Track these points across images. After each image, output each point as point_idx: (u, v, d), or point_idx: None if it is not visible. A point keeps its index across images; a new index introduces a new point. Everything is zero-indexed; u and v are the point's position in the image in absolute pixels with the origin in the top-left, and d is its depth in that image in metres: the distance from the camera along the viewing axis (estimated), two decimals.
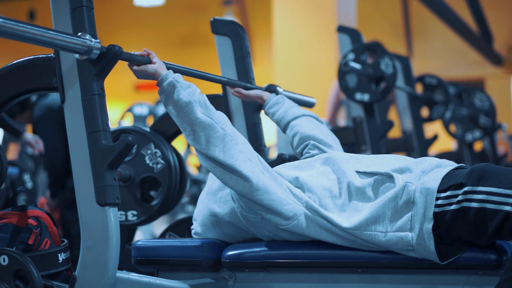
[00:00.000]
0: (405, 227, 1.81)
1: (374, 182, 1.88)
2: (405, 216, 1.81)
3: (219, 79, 2.33)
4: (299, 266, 1.93)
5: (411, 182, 1.83)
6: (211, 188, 2.07)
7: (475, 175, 1.77)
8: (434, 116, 4.90)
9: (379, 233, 1.83)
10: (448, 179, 1.81)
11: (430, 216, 1.78)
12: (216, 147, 1.84)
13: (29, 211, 1.91)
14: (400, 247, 1.82)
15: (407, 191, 1.82)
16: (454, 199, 1.77)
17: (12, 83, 1.86)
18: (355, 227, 1.84)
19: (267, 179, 1.88)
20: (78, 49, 1.68)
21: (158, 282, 1.86)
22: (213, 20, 2.53)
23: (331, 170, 1.97)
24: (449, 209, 1.77)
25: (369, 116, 3.74)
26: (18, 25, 1.52)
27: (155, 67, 1.88)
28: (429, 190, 1.80)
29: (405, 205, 1.81)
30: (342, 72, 3.71)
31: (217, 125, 1.86)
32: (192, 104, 1.85)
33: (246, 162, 1.86)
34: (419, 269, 1.85)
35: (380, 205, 1.83)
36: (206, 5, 11.72)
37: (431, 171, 1.87)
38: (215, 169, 1.87)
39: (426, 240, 1.78)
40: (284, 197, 1.89)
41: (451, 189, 1.79)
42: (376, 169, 1.91)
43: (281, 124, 2.31)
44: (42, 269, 1.81)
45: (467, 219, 1.76)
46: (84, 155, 1.76)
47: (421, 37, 11.47)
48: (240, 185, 1.86)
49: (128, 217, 2.45)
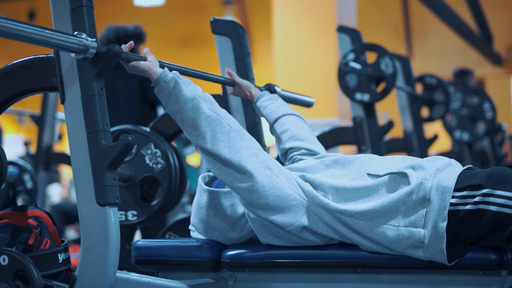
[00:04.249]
0: (418, 223, 1.79)
1: (388, 180, 1.87)
2: (419, 212, 1.79)
3: (219, 79, 2.33)
4: (299, 266, 1.93)
5: (427, 179, 1.82)
6: (201, 201, 2.04)
7: (494, 178, 1.76)
8: (434, 116, 4.90)
9: (390, 227, 1.81)
10: (463, 179, 1.81)
11: (445, 215, 1.77)
12: (221, 142, 1.82)
13: (29, 211, 1.91)
14: (410, 243, 1.80)
15: (424, 188, 1.80)
16: (470, 199, 1.76)
17: (12, 83, 1.86)
18: (365, 213, 1.82)
19: (273, 174, 1.86)
20: (74, 48, 1.68)
21: (158, 282, 1.86)
22: (213, 20, 2.53)
23: (340, 173, 1.95)
24: (463, 208, 1.76)
25: (369, 116, 3.74)
26: (14, 24, 1.51)
27: (148, 65, 1.86)
28: (446, 188, 1.79)
29: (420, 202, 1.80)
30: (342, 72, 3.71)
31: (223, 120, 1.84)
32: (198, 99, 1.83)
33: (251, 158, 1.84)
34: (419, 269, 1.85)
35: (395, 199, 1.81)
36: (206, 5, 11.71)
37: (445, 169, 1.86)
38: (219, 170, 1.84)
39: (439, 239, 1.77)
40: (292, 192, 1.87)
41: (469, 189, 1.78)
42: (388, 170, 1.89)
43: (271, 116, 2.29)
44: (42, 269, 1.81)
45: (482, 221, 1.75)
46: (84, 155, 1.76)
47: (421, 37, 11.46)
48: (244, 182, 1.83)
49: (128, 217, 2.45)
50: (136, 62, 1.86)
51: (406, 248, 1.81)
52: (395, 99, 4.73)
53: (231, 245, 2.02)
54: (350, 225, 1.85)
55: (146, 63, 1.87)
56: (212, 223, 2.00)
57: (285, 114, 2.28)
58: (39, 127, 4.63)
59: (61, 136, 6.09)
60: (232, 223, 1.99)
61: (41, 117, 4.63)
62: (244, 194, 1.86)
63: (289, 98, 2.63)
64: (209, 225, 2.01)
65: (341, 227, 1.87)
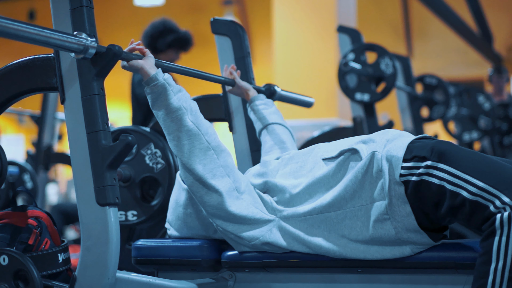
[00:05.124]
0: (379, 196, 1.81)
1: (343, 161, 1.88)
2: (378, 185, 1.81)
3: (219, 79, 2.33)
4: (299, 266, 1.93)
5: (378, 150, 1.84)
6: (179, 199, 2.07)
7: (436, 151, 1.78)
8: (434, 116, 4.90)
9: (361, 207, 1.82)
10: (412, 149, 1.82)
11: (399, 181, 1.78)
12: (197, 158, 1.84)
13: (29, 211, 1.91)
14: (376, 218, 1.80)
15: (376, 159, 1.82)
16: (416, 170, 1.78)
17: (12, 83, 1.86)
18: (332, 203, 1.84)
19: (241, 195, 1.88)
20: (73, 48, 1.68)
21: (158, 282, 1.86)
22: (213, 20, 2.53)
23: (297, 167, 1.96)
24: (411, 179, 1.78)
25: (369, 116, 3.74)
26: (14, 24, 1.51)
27: (142, 63, 1.85)
28: (394, 157, 1.80)
29: (377, 174, 1.82)
30: (342, 72, 3.71)
31: (203, 136, 1.85)
32: (182, 111, 1.84)
33: (223, 178, 1.86)
34: (419, 269, 1.85)
35: (352, 178, 1.83)
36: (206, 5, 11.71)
37: (395, 140, 1.87)
38: (192, 183, 1.87)
39: (402, 205, 1.78)
40: (257, 211, 1.89)
41: (415, 160, 1.79)
42: (340, 149, 1.91)
43: (260, 122, 2.31)
44: (42, 269, 1.81)
45: (428, 192, 1.76)
46: (84, 155, 1.76)
47: (421, 37, 11.46)
48: (214, 200, 1.86)
49: (128, 217, 2.45)
50: (131, 62, 1.86)
51: (377, 224, 1.81)
52: (395, 99, 4.73)
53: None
54: (322, 221, 1.85)
55: (140, 61, 1.86)
56: (188, 222, 2.04)
57: (273, 123, 2.29)
58: (39, 127, 4.63)
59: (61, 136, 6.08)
60: (206, 224, 2.02)
61: (41, 117, 4.63)
62: (211, 209, 1.89)
63: (289, 98, 2.63)
64: (186, 224, 2.04)
65: (309, 234, 1.87)
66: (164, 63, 1.98)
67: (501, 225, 1.67)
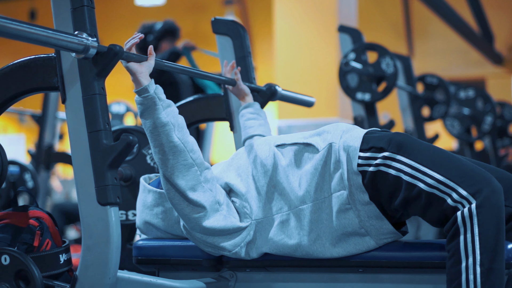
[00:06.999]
0: (339, 186, 1.82)
1: (298, 153, 1.89)
2: (337, 176, 1.82)
3: (220, 79, 2.32)
4: (300, 265, 1.93)
5: (334, 141, 1.85)
6: (146, 201, 2.06)
7: (394, 142, 1.79)
8: (435, 116, 4.90)
9: (324, 200, 1.83)
10: (369, 139, 1.83)
11: (356, 171, 1.80)
12: (180, 173, 1.84)
13: (30, 212, 1.91)
14: (339, 208, 1.82)
15: (334, 150, 1.84)
16: (373, 161, 1.79)
17: (13, 82, 1.86)
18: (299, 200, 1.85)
19: (221, 209, 1.88)
20: (74, 48, 1.67)
21: (159, 282, 1.86)
22: (214, 19, 2.53)
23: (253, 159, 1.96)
24: (368, 170, 1.79)
25: (370, 116, 3.74)
26: (15, 24, 1.51)
27: (136, 69, 1.81)
28: (351, 147, 1.82)
29: (335, 165, 1.83)
30: (343, 72, 3.71)
31: (187, 153, 1.84)
32: (170, 126, 1.83)
33: (205, 193, 1.86)
34: (419, 269, 1.85)
35: (312, 172, 1.84)
36: (207, 4, 11.71)
37: (350, 130, 1.89)
38: (174, 195, 1.86)
39: (360, 194, 1.80)
40: (235, 220, 1.89)
41: (372, 150, 1.81)
42: (294, 140, 1.92)
43: (247, 131, 2.28)
44: (43, 270, 1.81)
45: (384, 183, 1.78)
46: (85, 155, 1.76)
47: (422, 36, 11.46)
48: (195, 213, 1.86)
49: (129, 217, 2.45)
50: (127, 64, 1.82)
51: (340, 215, 1.82)
52: (396, 98, 4.73)
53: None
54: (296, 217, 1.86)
55: (136, 67, 1.81)
56: (155, 223, 2.03)
57: (260, 135, 2.28)
58: (40, 126, 4.63)
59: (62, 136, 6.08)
60: (171, 226, 2.03)
61: (42, 117, 4.63)
62: (191, 223, 1.88)
63: (290, 97, 2.63)
64: (153, 224, 2.04)
65: (285, 234, 1.87)
66: (165, 63, 1.97)
67: (463, 222, 1.68)
